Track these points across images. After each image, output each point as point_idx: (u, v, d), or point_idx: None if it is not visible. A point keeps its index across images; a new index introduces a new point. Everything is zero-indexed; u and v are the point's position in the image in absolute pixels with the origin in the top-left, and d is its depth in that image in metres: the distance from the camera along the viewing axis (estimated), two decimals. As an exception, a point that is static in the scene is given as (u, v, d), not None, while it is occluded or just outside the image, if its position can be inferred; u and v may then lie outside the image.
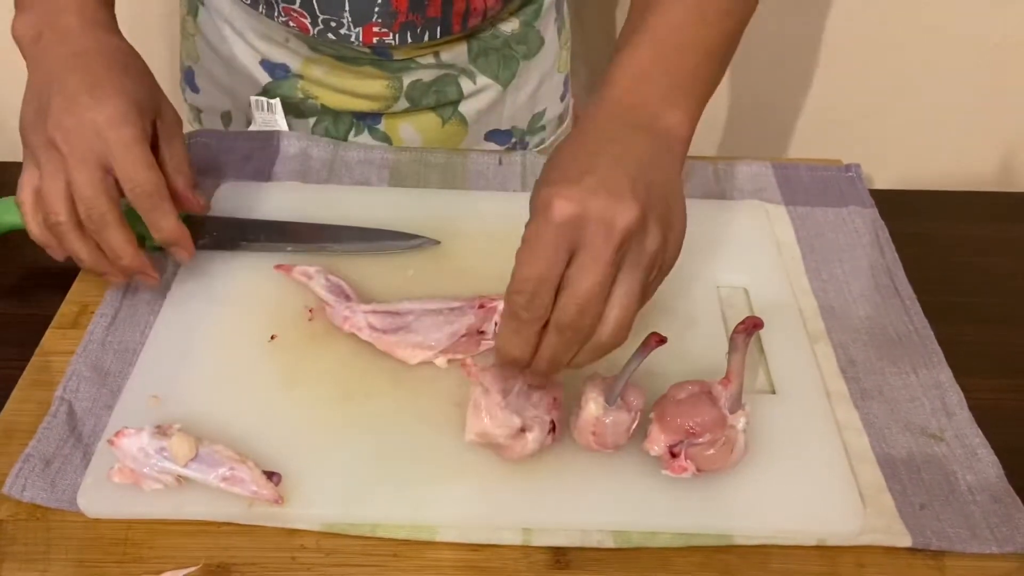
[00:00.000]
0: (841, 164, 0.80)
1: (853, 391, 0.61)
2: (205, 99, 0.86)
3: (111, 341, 0.62)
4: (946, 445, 0.57)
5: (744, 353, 0.52)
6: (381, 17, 0.73)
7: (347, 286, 0.64)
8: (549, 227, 0.46)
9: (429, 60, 0.80)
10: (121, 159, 0.56)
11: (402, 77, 0.80)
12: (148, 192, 0.57)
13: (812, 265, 0.70)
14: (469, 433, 0.52)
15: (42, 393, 0.58)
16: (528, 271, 0.46)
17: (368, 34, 0.74)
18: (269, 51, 0.80)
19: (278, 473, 0.52)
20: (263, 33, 0.79)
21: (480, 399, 0.52)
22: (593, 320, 0.47)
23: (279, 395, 0.58)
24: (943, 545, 0.52)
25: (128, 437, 0.51)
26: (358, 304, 0.62)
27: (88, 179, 0.56)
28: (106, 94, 0.57)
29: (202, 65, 0.84)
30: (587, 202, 0.46)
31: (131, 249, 0.58)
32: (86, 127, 0.56)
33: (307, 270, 0.65)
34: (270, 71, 0.81)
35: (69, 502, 0.52)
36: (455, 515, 0.52)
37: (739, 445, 0.53)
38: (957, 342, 0.63)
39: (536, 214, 0.47)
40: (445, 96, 0.82)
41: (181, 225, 0.59)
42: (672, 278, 0.66)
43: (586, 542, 0.52)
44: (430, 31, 0.75)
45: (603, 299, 0.47)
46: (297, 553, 0.51)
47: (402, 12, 0.73)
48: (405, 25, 0.74)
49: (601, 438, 0.53)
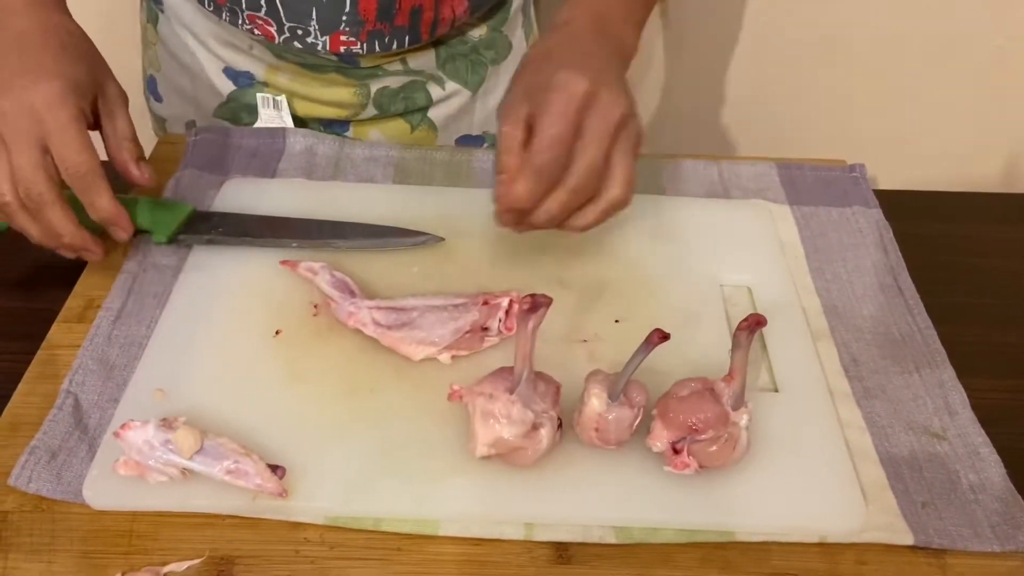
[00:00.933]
0: (845, 164, 0.80)
1: (856, 390, 0.61)
2: (168, 108, 0.86)
3: (117, 335, 0.62)
4: (948, 444, 0.58)
5: (747, 350, 0.52)
6: (348, 26, 0.72)
7: (352, 282, 0.64)
8: (573, 100, 0.54)
9: (397, 67, 0.79)
10: (56, 140, 0.57)
11: (369, 84, 0.80)
12: (81, 173, 0.58)
13: (816, 264, 0.70)
14: (481, 446, 0.52)
15: (48, 386, 0.59)
16: (557, 131, 0.54)
17: (335, 43, 0.74)
18: (233, 59, 0.80)
19: (282, 467, 0.53)
20: (226, 40, 0.79)
21: (488, 406, 0.52)
22: (599, 181, 0.57)
23: (284, 389, 0.58)
24: (945, 543, 0.52)
25: (133, 430, 0.52)
26: (363, 300, 0.62)
27: (27, 161, 0.57)
28: (42, 76, 0.58)
29: (164, 74, 0.84)
30: (597, 87, 0.55)
31: (71, 227, 0.60)
32: (23, 109, 0.57)
33: (312, 266, 0.65)
34: (233, 79, 0.81)
35: (74, 494, 0.53)
36: (458, 510, 0.52)
37: (741, 442, 0.53)
38: (960, 342, 0.64)
39: (556, 89, 0.55)
40: (414, 103, 0.82)
41: (117, 204, 0.61)
42: (675, 276, 0.67)
43: (588, 537, 0.52)
44: (398, 40, 0.75)
45: (607, 166, 0.56)
46: (301, 546, 0.51)
47: (370, 21, 0.72)
48: (372, 34, 0.74)
49: (604, 434, 0.53)
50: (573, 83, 0.55)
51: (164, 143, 0.81)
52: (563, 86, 0.55)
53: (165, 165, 0.77)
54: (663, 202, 0.75)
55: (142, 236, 0.68)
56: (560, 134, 0.54)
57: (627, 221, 0.71)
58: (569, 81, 0.55)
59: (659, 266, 0.68)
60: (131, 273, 0.66)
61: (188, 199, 0.72)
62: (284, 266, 0.66)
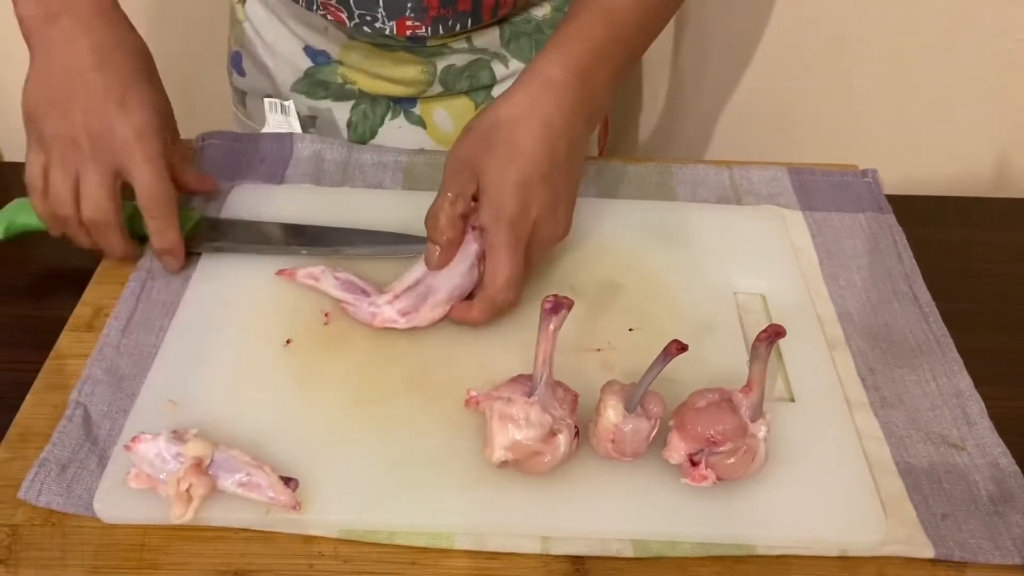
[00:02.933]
0: (858, 169, 0.80)
1: (873, 399, 0.60)
2: (249, 82, 0.88)
3: (126, 344, 0.61)
4: (967, 455, 0.57)
5: (766, 362, 0.51)
6: (413, 12, 0.74)
7: (358, 280, 0.63)
8: (520, 241, 0.59)
9: (462, 45, 0.80)
10: (141, 171, 0.61)
11: (436, 62, 0.81)
12: (159, 204, 0.62)
13: (829, 271, 0.70)
14: (498, 450, 0.51)
15: (57, 396, 0.58)
16: (511, 273, 0.58)
17: (402, 27, 0.75)
18: (311, 38, 0.82)
19: (295, 479, 0.52)
20: (305, 21, 0.81)
21: (507, 409, 0.52)
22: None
23: (295, 400, 0.57)
24: (966, 556, 0.51)
25: (145, 442, 0.51)
26: (379, 296, 0.61)
27: (100, 181, 0.61)
28: (135, 106, 0.61)
29: (248, 50, 0.86)
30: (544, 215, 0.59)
31: (128, 249, 0.65)
32: (114, 135, 0.60)
33: (312, 272, 0.64)
34: (312, 57, 0.83)
35: (85, 507, 0.52)
36: (472, 522, 0.52)
37: (760, 454, 0.52)
38: (977, 350, 0.63)
39: (504, 219, 0.58)
40: (478, 81, 0.83)
41: (181, 237, 0.65)
42: (689, 283, 0.67)
43: (605, 551, 0.51)
44: (461, 23, 0.76)
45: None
46: (315, 560, 0.51)
47: (433, 7, 0.74)
48: (436, 19, 0.75)
49: (620, 446, 0.52)
50: (520, 218, 0.58)
51: (171, 148, 0.81)
52: (506, 218, 0.58)
53: (172, 171, 0.76)
54: (674, 208, 0.74)
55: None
56: (514, 276, 0.59)
57: (638, 227, 0.71)
58: (518, 215, 0.58)
59: (672, 273, 0.67)
60: (140, 281, 0.66)
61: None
62: (281, 276, 0.65)
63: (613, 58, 0.63)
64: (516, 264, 0.58)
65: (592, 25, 0.62)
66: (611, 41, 0.63)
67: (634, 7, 0.64)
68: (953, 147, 1.18)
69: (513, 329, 0.62)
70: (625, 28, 0.64)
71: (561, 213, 0.61)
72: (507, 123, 0.59)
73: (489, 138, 0.59)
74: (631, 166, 0.79)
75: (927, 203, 0.80)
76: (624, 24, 0.63)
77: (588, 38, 0.62)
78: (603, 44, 0.62)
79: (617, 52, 0.63)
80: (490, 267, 0.59)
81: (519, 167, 0.58)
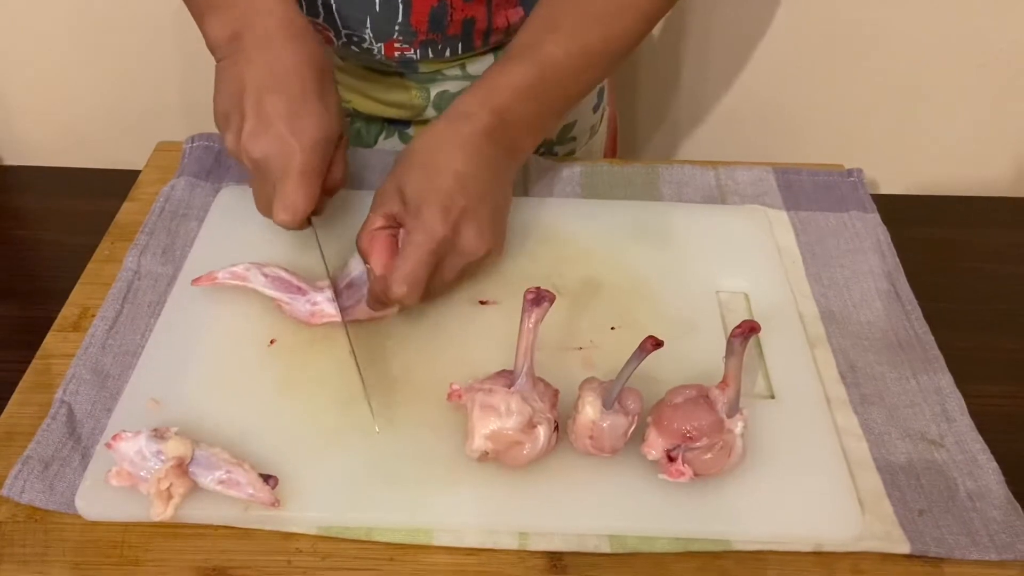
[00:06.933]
0: (843, 169, 0.80)
1: (853, 396, 0.60)
2: None
3: (111, 344, 0.62)
4: (946, 451, 0.57)
5: (741, 357, 0.52)
6: (401, 35, 0.74)
7: (287, 274, 0.62)
8: (425, 237, 0.57)
9: (455, 72, 0.81)
10: (290, 184, 0.58)
11: (429, 88, 0.81)
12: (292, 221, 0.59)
13: (813, 270, 0.70)
14: (478, 439, 0.52)
15: (43, 395, 0.59)
16: (411, 269, 0.57)
17: (390, 49, 0.75)
18: None
19: (275, 476, 0.52)
20: None
21: (488, 399, 0.52)
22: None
23: (277, 399, 0.58)
24: (942, 552, 0.52)
25: (125, 440, 0.52)
26: (315, 292, 0.61)
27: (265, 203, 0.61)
28: (302, 126, 0.58)
29: None
30: (460, 226, 0.58)
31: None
32: (269, 165, 0.58)
33: (235, 271, 0.62)
34: None
35: (67, 504, 0.52)
36: (451, 519, 0.52)
37: (737, 449, 0.52)
38: (959, 348, 0.63)
39: (420, 222, 0.57)
40: None
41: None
42: (671, 282, 0.67)
43: (582, 547, 0.52)
44: (451, 48, 0.76)
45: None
46: (293, 556, 0.51)
47: (422, 32, 0.74)
48: (425, 43, 0.75)
49: (598, 442, 0.53)
50: (437, 223, 0.57)
51: (160, 150, 0.81)
52: (427, 223, 0.57)
53: (161, 173, 0.77)
54: (659, 208, 0.74)
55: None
56: (413, 272, 0.57)
57: (622, 226, 0.71)
58: (434, 220, 0.57)
59: (655, 272, 0.68)
60: (126, 281, 0.66)
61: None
62: (199, 284, 0.63)
63: (539, 101, 0.63)
64: (419, 263, 0.57)
65: (520, 71, 0.63)
66: (537, 86, 0.63)
67: (569, 55, 0.64)
68: (939, 147, 1.18)
69: (496, 330, 0.62)
70: (557, 73, 0.63)
71: (485, 229, 0.60)
72: (426, 148, 0.61)
73: (411, 162, 0.60)
74: (617, 167, 0.80)
75: (911, 203, 0.80)
76: (556, 70, 0.63)
77: (511, 83, 0.62)
78: (527, 88, 0.62)
79: (545, 96, 0.64)
80: (396, 261, 0.58)
81: (438, 180, 0.59)
